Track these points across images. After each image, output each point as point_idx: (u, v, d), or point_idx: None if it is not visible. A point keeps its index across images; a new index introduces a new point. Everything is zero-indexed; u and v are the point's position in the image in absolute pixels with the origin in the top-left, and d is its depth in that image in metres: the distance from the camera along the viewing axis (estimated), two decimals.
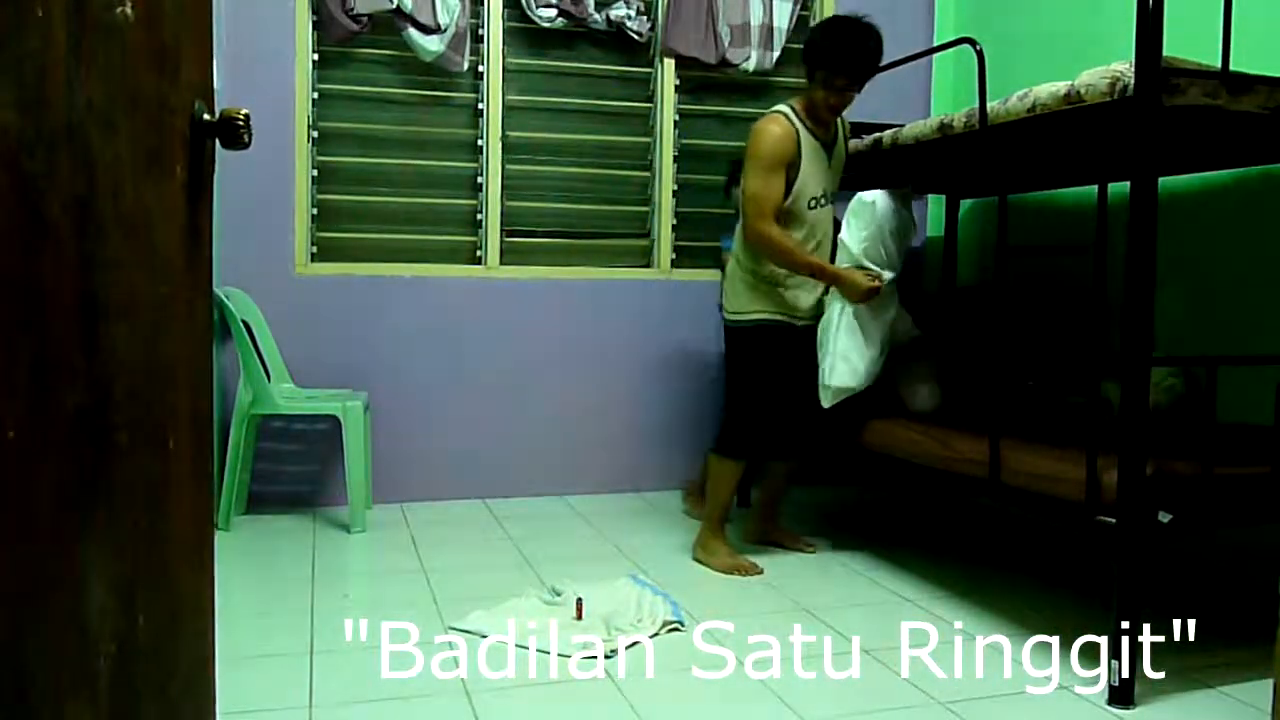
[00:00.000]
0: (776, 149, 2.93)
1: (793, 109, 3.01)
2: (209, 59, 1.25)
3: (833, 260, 3.04)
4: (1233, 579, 2.83)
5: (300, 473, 3.83)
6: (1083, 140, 2.50)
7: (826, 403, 3.03)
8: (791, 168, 2.95)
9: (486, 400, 3.93)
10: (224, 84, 3.50)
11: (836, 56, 2.90)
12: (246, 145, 1.18)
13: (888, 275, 2.99)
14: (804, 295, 3.05)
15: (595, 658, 2.34)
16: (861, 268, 2.97)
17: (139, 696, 1.04)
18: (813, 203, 3.01)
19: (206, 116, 1.18)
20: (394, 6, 3.67)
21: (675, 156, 4.15)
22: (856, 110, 4.06)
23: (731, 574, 3.01)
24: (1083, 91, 2.23)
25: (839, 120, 3.10)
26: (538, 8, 3.89)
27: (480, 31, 3.91)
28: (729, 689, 2.22)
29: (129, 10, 0.97)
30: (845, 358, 2.97)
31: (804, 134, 2.98)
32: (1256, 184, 2.90)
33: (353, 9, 3.65)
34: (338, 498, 3.76)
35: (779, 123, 2.96)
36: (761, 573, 3.02)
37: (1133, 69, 2.08)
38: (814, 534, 3.47)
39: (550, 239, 4.08)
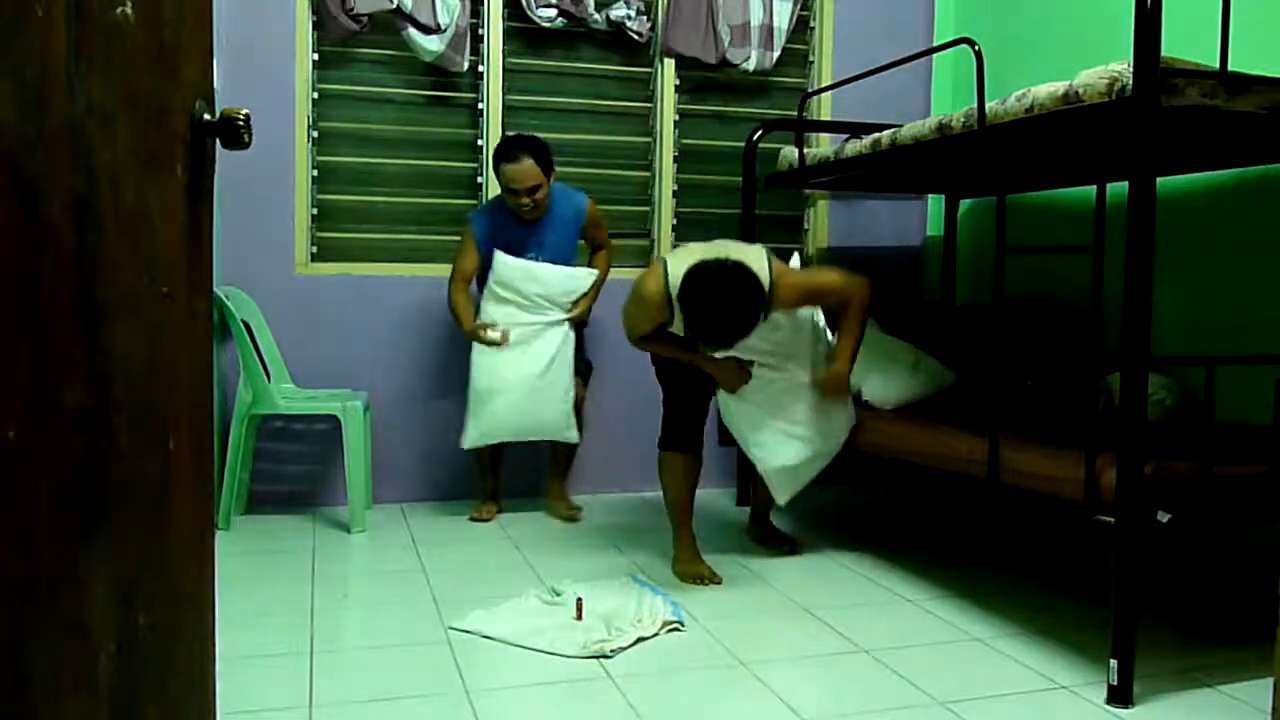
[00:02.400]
0: (641, 314, 2.88)
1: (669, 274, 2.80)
2: (209, 59, 1.25)
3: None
4: (1233, 579, 2.83)
5: (300, 473, 3.83)
6: (1081, 140, 2.50)
7: (781, 498, 3.09)
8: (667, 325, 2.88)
9: None
10: (224, 84, 3.50)
11: (690, 320, 2.69)
12: (247, 145, 1.18)
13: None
14: None
15: (595, 658, 2.34)
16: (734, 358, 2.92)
17: (139, 696, 1.05)
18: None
19: (207, 116, 1.18)
20: (394, 6, 3.68)
21: (675, 156, 4.15)
22: (857, 110, 4.09)
23: (692, 582, 2.92)
24: (1081, 92, 2.23)
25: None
26: (538, 8, 3.89)
27: (480, 31, 3.91)
28: (729, 689, 2.22)
29: (129, 10, 0.97)
30: (759, 444, 3.02)
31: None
32: (1255, 184, 2.90)
33: (353, 9, 3.66)
34: (338, 498, 3.76)
35: (653, 285, 2.81)
36: (719, 582, 2.92)
37: (1131, 69, 2.08)
38: (814, 534, 3.48)
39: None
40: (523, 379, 3.44)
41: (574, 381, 3.55)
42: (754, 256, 2.78)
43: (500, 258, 3.47)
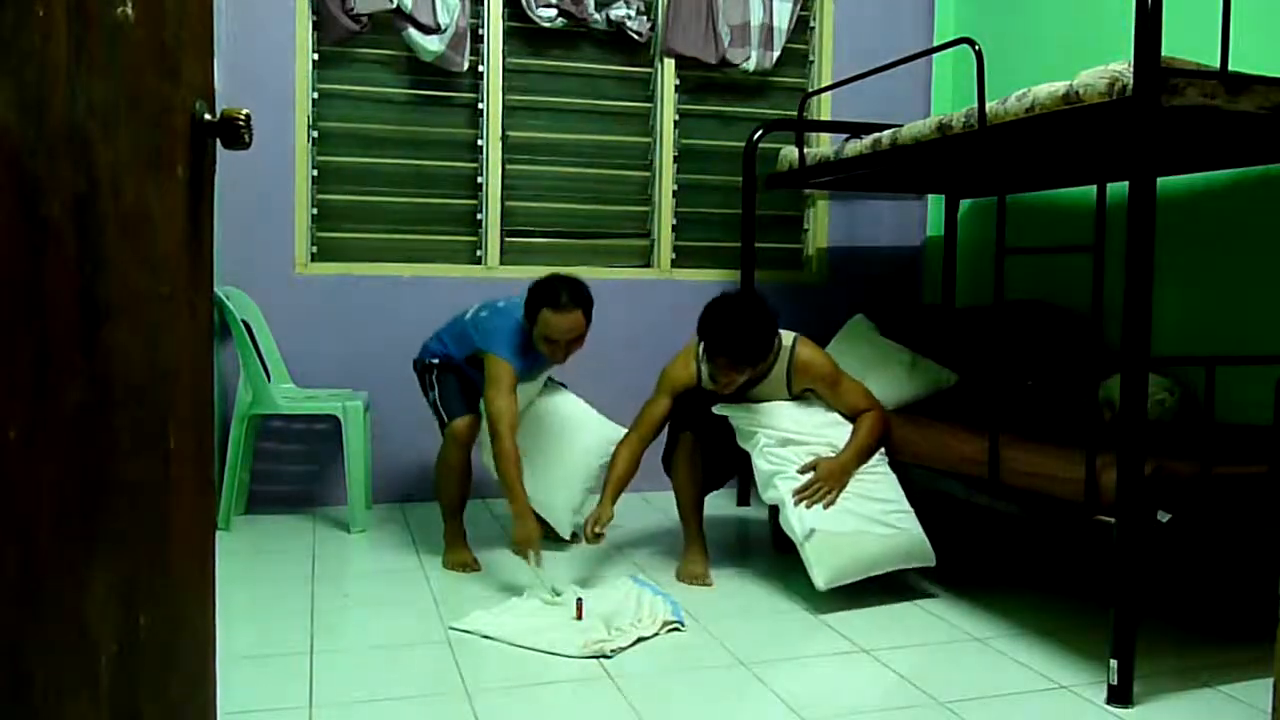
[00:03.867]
0: (674, 368, 3.02)
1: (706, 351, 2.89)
2: (209, 59, 1.25)
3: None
4: (1232, 579, 2.83)
5: (300, 473, 3.83)
6: (1081, 140, 2.50)
7: (820, 577, 2.72)
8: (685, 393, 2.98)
9: None
10: (224, 84, 3.49)
11: (711, 335, 2.80)
12: (247, 145, 1.18)
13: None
14: None
15: (595, 658, 2.34)
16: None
17: (140, 696, 1.05)
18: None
19: (207, 116, 1.18)
20: (394, 6, 3.68)
21: (675, 156, 4.15)
22: (857, 110, 4.09)
23: (687, 581, 2.92)
24: (1081, 91, 2.23)
25: (779, 360, 2.96)
26: (538, 8, 3.89)
27: (480, 31, 3.91)
28: (729, 689, 2.22)
29: (129, 10, 0.97)
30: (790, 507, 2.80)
31: (707, 377, 2.92)
32: (1255, 184, 2.90)
33: (353, 9, 3.65)
34: (338, 498, 3.76)
35: (684, 363, 3.00)
36: (711, 585, 2.90)
37: (1131, 69, 2.08)
38: None
39: (550, 239, 4.08)
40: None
41: None
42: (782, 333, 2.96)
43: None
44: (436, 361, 3.18)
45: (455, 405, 3.11)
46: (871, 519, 2.77)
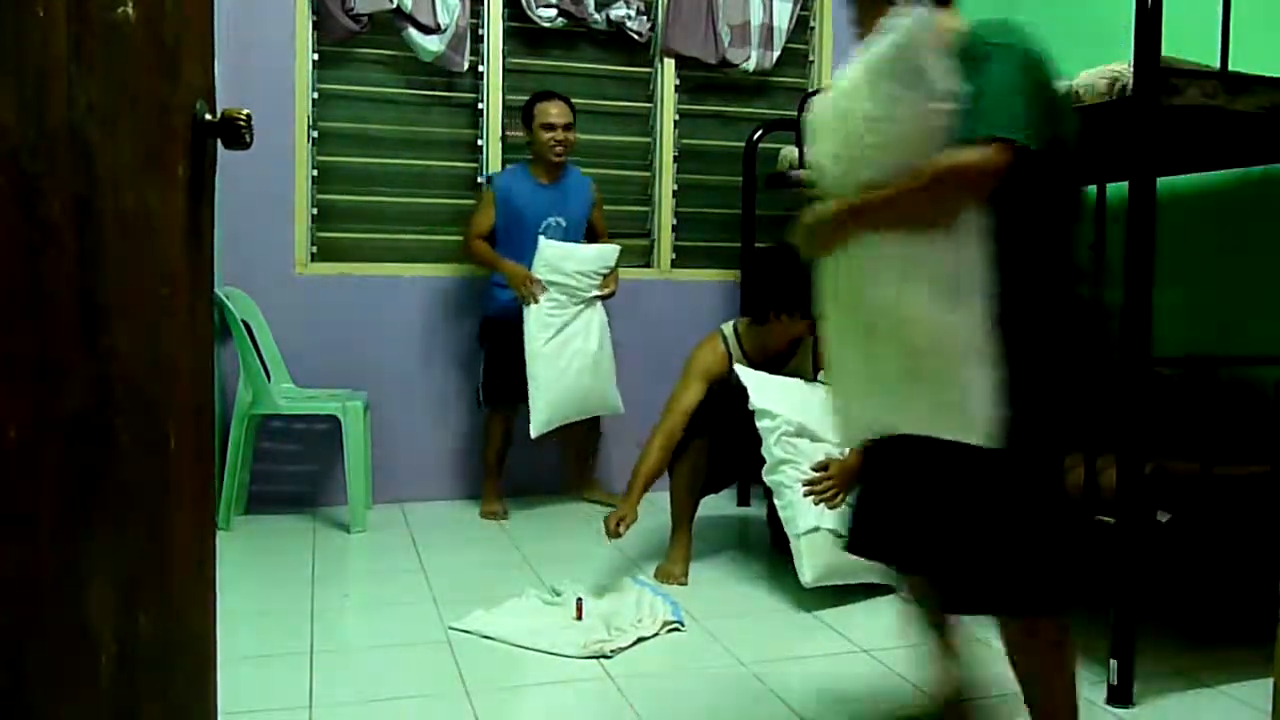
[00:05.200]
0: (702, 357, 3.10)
1: (736, 332, 3.11)
2: (209, 59, 1.25)
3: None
4: (1232, 579, 2.83)
5: (300, 473, 3.83)
6: (1081, 140, 2.49)
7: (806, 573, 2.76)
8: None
9: None
10: (224, 84, 3.48)
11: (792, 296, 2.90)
12: (248, 145, 1.18)
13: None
14: None
15: (595, 658, 2.34)
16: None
17: (140, 696, 1.05)
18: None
19: (207, 116, 1.18)
20: (394, 6, 3.68)
21: (675, 156, 4.15)
22: None
23: (663, 579, 2.93)
24: (1081, 91, 2.23)
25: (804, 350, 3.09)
26: (538, 8, 3.89)
27: (480, 31, 3.91)
28: (729, 689, 2.22)
29: (130, 10, 0.97)
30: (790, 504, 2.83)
31: (738, 359, 3.05)
32: (1256, 184, 2.90)
33: (353, 9, 3.66)
34: (338, 498, 3.76)
35: (712, 346, 3.10)
36: (685, 583, 2.92)
37: (1131, 69, 2.08)
38: None
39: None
40: (582, 358, 3.57)
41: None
42: None
43: (543, 242, 3.55)
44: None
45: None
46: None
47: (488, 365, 3.69)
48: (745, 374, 2.93)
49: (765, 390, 2.91)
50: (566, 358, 3.54)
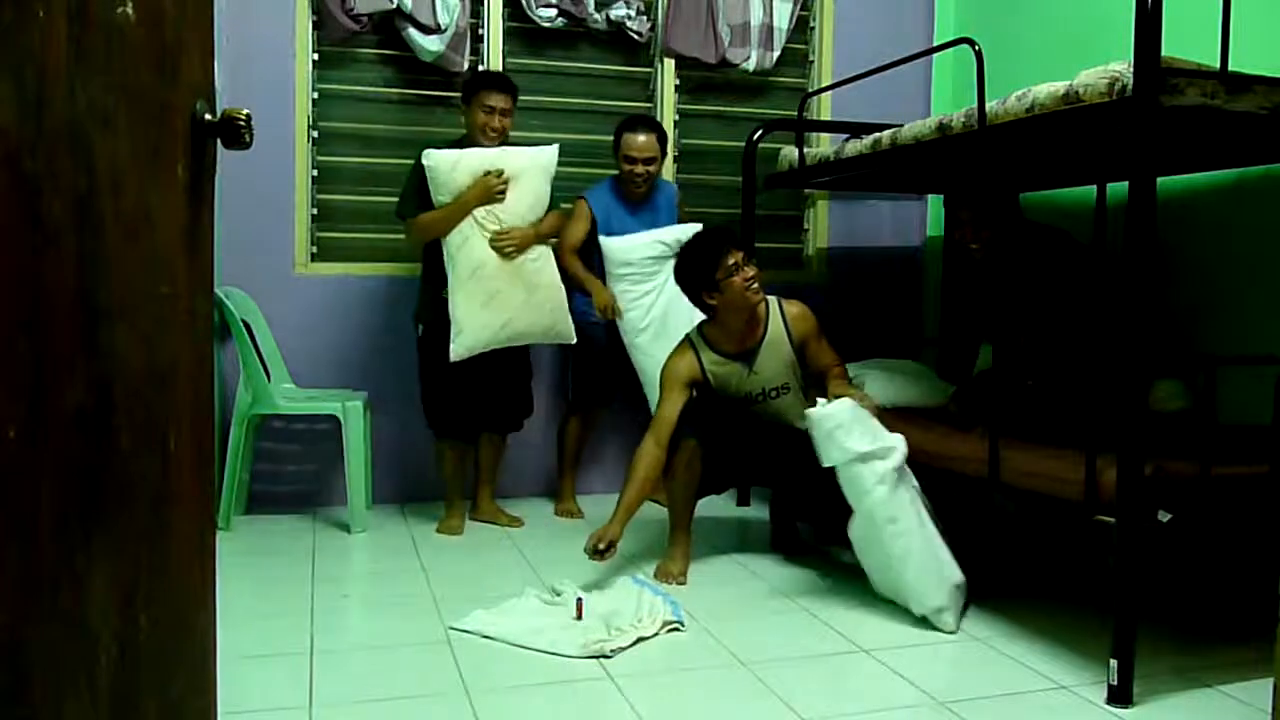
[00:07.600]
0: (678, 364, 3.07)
1: (701, 334, 3.10)
2: (209, 59, 1.25)
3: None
4: (1232, 579, 2.83)
5: (300, 473, 3.83)
6: (1081, 140, 2.50)
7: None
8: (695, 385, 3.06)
9: None
10: (224, 84, 3.49)
11: (708, 245, 3.02)
12: (248, 145, 1.18)
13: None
14: None
15: (595, 658, 2.34)
16: None
17: (140, 696, 1.05)
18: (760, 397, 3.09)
19: (208, 116, 1.18)
20: (394, 6, 3.67)
21: (675, 156, 4.14)
22: (857, 110, 4.09)
23: (663, 579, 2.93)
24: (1081, 91, 2.23)
25: (772, 318, 3.09)
26: (538, 8, 3.89)
27: (480, 31, 3.91)
28: (729, 689, 2.22)
29: (129, 10, 0.97)
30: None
31: (710, 360, 3.06)
32: (1256, 184, 2.90)
33: (353, 9, 3.65)
34: (338, 498, 3.76)
35: (681, 354, 3.08)
36: (684, 583, 2.93)
37: (1131, 69, 2.08)
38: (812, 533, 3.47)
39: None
40: (668, 318, 3.60)
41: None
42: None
43: (605, 243, 3.62)
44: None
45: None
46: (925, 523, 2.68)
47: (576, 368, 3.79)
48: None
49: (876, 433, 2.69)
50: (657, 328, 3.61)
